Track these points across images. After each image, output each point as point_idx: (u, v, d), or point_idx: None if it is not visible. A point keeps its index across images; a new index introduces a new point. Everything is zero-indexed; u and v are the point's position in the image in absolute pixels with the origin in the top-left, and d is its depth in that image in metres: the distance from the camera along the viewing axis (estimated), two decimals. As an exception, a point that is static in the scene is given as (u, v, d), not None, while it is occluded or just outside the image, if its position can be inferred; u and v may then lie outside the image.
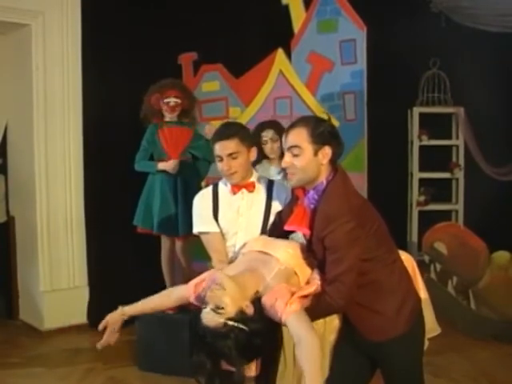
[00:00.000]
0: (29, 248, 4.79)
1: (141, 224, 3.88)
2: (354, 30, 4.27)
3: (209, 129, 4.00)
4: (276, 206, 2.51)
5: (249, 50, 4.84)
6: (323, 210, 2.05)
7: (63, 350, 4.26)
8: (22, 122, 4.81)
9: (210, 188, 2.65)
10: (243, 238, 2.49)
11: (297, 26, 4.51)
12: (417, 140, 6.14)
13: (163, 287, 3.99)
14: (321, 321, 2.22)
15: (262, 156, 3.54)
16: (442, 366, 3.79)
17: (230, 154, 2.44)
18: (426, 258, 5.23)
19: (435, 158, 6.03)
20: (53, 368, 3.91)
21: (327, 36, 4.35)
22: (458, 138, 6.18)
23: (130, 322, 3.99)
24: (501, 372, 3.68)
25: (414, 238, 6.56)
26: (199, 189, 4.00)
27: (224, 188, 2.59)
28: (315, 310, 2.07)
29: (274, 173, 3.54)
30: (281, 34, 4.58)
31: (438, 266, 4.97)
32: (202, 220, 2.60)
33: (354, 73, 4.29)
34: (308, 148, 2.07)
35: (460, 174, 6.04)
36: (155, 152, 3.90)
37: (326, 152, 2.08)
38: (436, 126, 6.10)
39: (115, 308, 2.69)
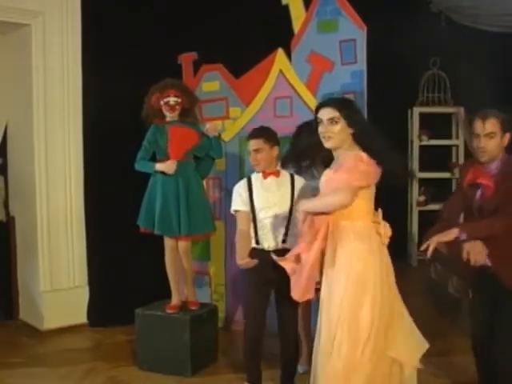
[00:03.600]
0: (29, 248, 4.79)
1: (143, 224, 3.89)
2: (353, 29, 4.26)
3: (210, 126, 4.00)
4: (298, 186, 3.30)
5: (249, 50, 4.84)
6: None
7: (63, 350, 4.26)
8: (22, 121, 4.82)
9: (245, 179, 3.44)
10: (276, 211, 3.25)
11: (297, 26, 4.50)
12: (417, 140, 6.15)
13: (164, 287, 4.02)
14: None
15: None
16: (442, 366, 3.79)
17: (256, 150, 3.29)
18: (426, 258, 5.21)
19: (435, 158, 6.03)
20: (53, 368, 3.91)
21: (327, 36, 4.34)
22: (457, 137, 6.19)
23: (130, 321, 4.03)
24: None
25: (414, 237, 6.56)
26: (201, 188, 4.01)
27: (256, 175, 3.37)
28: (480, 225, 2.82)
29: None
30: (281, 34, 4.58)
31: (438, 266, 4.96)
32: (238, 201, 3.37)
33: (353, 73, 4.27)
34: (498, 134, 2.85)
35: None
36: (157, 152, 3.90)
37: (507, 137, 2.88)
38: (436, 125, 6.11)
39: (115, 308, 2.70)
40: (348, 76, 4.29)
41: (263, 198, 3.29)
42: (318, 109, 2.75)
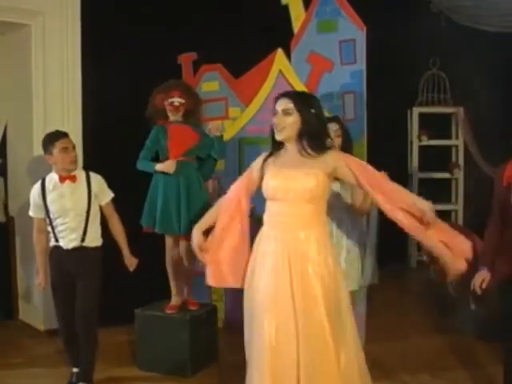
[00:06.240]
0: (29, 248, 4.79)
1: (145, 222, 3.90)
2: (353, 29, 4.27)
3: (213, 125, 4.00)
4: (94, 185, 3.50)
5: (249, 50, 4.84)
6: None
7: (63, 350, 4.25)
8: (21, 122, 4.82)
9: (39, 183, 3.47)
10: (72, 216, 3.39)
11: (296, 26, 4.50)
12: (416, 140, 6.15)
13: (164, 287, 4.02)
14: None
15: None
16: (442, 366, 3.79)
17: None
18: (426, 258, 5.21)
19: (435, 159, 6.03)
20: (53, 368, 3.92)
21: (327, 36, 4.35)
22: (457, 138, 6.19)
23: (130, 321, 4.03)
24: (501, 372, 3.67)
25: (414, 239, 6.53)
26: (203, 188, 4.01)
27: (50, 178, 3.45)
28: None
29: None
30: (281, 34, 4.58)
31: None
32: (32, 207, 3.49)
33: (353, 73, 4.28)
34: None
35: (459, 174, 6.06)
36: (159, 152, 3.91)
37: None
38: (436, 126, 6.11)
39: (115, 308, 2.70)
40: (348, 76, 4.30)
41: (58, 206, 3.41)
42: (276, 100, 2.74)
